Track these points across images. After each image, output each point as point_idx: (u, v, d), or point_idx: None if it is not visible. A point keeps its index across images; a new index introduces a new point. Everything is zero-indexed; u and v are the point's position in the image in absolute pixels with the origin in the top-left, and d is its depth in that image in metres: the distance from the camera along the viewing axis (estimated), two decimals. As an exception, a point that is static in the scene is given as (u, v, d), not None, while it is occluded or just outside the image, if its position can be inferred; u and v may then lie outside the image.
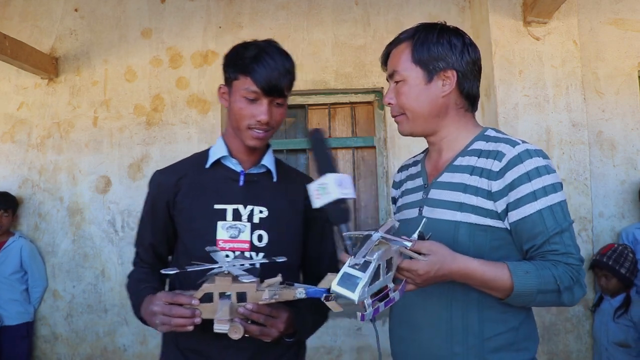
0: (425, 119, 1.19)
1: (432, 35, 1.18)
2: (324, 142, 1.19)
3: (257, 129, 1.26)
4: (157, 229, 1.34)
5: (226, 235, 1.27)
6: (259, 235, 1.29)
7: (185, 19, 3.39)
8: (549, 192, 1.07)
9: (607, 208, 3.05)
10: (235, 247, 1.26)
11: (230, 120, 1.32)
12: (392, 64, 1.22)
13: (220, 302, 1.06)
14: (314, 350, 3.13)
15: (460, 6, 3.28)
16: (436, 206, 1.16)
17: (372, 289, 0.90)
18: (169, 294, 1.12)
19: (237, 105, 1.26)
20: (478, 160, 1.14)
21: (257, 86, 1.23)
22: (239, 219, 1.29)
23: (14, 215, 3.30)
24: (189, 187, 1.31)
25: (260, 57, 1.25)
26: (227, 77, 1.31)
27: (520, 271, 1.03)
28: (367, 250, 0.90)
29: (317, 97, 3.41)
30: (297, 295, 1.05)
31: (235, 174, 1.33)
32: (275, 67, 1.25)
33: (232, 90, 1.28)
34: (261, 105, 1.25)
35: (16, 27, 3.47)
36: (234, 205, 1.29)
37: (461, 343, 1.11)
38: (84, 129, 3.40)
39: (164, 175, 1.35)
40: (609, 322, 2.62)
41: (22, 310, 3.20)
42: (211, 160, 1.33)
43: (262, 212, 1.30)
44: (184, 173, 1.33)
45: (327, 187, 1.07)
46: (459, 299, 1.12)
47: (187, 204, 1.30)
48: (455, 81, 1.17)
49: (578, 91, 2.84)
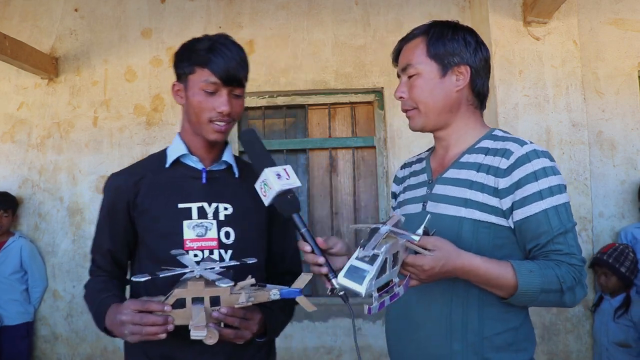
0: (438, 113, 1.19)
1: (448, 31, 1.19)
2: (256, 140, 1.15)
3: (219, 122, 1.24)
4: (116, 234, 1.28)
5: (193, 234, 1.23)
6: (226, 232, 1.27)
7: (185, 19, 3.40)
8: (555, 192, 1.08)
9: (607, 208, 3.05)
10: (203, 246, 1.23)
11: (189, 117, 1.28)
12: (406, 57, 1.22)
13: (194, 308, 1.02)
14: (314, 350, 3.13)
15: (460, 6, 3.28)
16: (440, 201, 1.17)
17: (378, 282, 0.89)
18: (137, 302, 1.08)
19: (195, 99, 1.23)
20: (485, 157, 1.14)
21: (216, 76, 1.21)
22: (205, 216, 1.26)
23: (14, 216, 3.30)
24: (148, 187, 1.27)
25: (215, 48, 1.23)
26: (180, 73, 1.28)
27: (524, 270, 1.03)
28: (375, 243, 0.89)
29: (317, 97, 3.41)
30: (272, 296, 1.05)
31: (197, 172, 1.30)
32: (232, 57, 1.24)
33: (189, 85, 1.25)
34: (220, 96, 1.23)
35: (16, 27, 3.47)
36: (198, 203, 1.26)
37: (460, 340, 1.11)
38: (84, 129, 3.41)
39: (121, 178, 1.30)
40: (609, 322, 2.62)
41: (22, 310, 3.20)
42: (171, 159, 1.29)
43: (227, 209, 1.28)
44: (142, 174, 1.29)
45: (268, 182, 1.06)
46: (459, 295, 1.12)
47: (149, 205, 1.25)
48: (468, 77, 1.18)
49: (578, 91, 2.84)
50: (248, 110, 3.51)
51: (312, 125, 3.47)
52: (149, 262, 1.24)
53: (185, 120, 1.32)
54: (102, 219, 1.31)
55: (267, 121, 3.50)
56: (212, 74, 1.21)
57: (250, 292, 1.05)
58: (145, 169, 1.31)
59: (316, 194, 3.42)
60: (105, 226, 1.29)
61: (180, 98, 1.29)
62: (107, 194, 1.31)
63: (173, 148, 1.33)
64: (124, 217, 1.27)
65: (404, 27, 3.21)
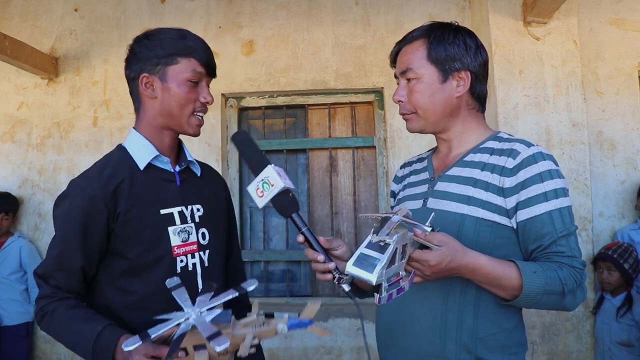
0: (437, 118, 1.19)
1: (449, 34, 1.17)
2: (250, 141, 1.13)
3: (200, 113, 1.22)
4: (92, 248, 1.14)
5: (178, 240, 1.20)
6: (202, 233, 1.26)
7: (185, 19, 3.39)
8: (560, 195, 1.08)
9: (607, 208, 3.05)
10: (187, 250, 1.21)
11: (166, 111, 1.20)
12: (406, 61, 1.20)
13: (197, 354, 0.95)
14: (314, 350, 3.13)
15: (460, 6, 3.28)
16: (442, 198, 1.16)
17: (388, 273, 0.88)
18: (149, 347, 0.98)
19: (180, 90, 1.17)
20: (490, 157, 1.14)
21: (203, 66, 1.20)
22: (185, 220, 1.23)
23: (14, 217, 3.31)
24: (128, 195, 1.15)
25: (188, 35, 1.21)
26: (151, 65, 1.18)
27: (528, 270, 1.03)
28: (388, 230, 0.87)
29: (317, 97, 3.40)
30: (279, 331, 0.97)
31: (170, 174, 1.24)
32: (207, 46, 1.24)
33: (168, 77, 1.18)
34: (203, 87, 1.22)
35: (16, 27, 3.47)
36: (178, 207, 1.22)
37: (454, 339, 1.11)
38: (84, 129, 3.41)
39: (96, 184, 1.14)
40: (611, 322, 2.62)
41: (22, 310, 3.20)
42: (144, 162, 1.20)
43: (199, 210, 1.27)
44: (119, 180, 1.16)
45: (270, 180, 1.02)
46: (456, 293, 1.12)
47: (133, 214, 1.15)
48: (469, 82, 1.17)
49: (578, 91, 2.84)
50: (248, 110, 3.51)
51: (312, 125, 3.47)
52: (127, 275, 1.15)
53: (153, 115, 1.22)
54: (70, 231, 1.13)
55: (267, 121, 3.50)
56: (199, 63, 1.19)
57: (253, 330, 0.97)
58: (120, 174, 1.17)
59: (316, 194, 3.42)
60: (77, 240, 1.12)
61: (152, 91, 1.20)
62: (78, 202, 1.13)
63: (138, 148, 1.22)
64: (100, 229, 1.13)
65: (404, 27, 3.21)
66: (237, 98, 3.44)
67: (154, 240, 1.17)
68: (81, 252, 1.13)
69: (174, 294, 0.99)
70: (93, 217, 1.13)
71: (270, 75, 3.32)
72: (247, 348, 0.94)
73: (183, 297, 0.98)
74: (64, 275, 1.15)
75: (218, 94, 3.28)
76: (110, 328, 1.08)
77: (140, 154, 1.21)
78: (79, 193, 1.14)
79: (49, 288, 1.16)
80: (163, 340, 1.00)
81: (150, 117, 1.22)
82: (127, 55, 1.23)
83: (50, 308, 1.14)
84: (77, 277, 1.15)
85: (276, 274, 3.41)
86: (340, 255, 1.09)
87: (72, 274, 1.15)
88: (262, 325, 0.98)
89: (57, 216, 1.17)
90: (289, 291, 3.34)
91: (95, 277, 1.19)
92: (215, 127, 3.31)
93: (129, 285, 1.15)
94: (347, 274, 0.90)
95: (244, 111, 3.51)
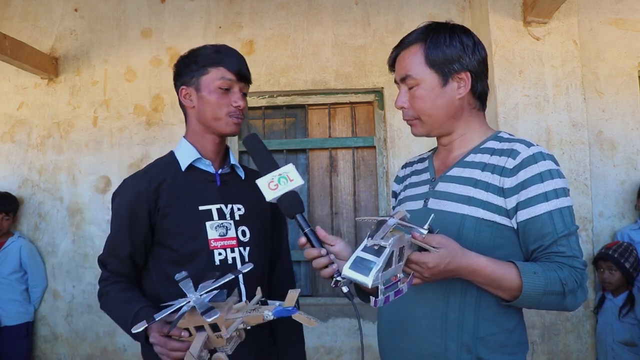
0: (441, 122, 1.19)
1: (444, 36, 1.16)
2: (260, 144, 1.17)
3: (235, 116, 1.33)
4: (137, 237, 1.30)
5: (216, 234, 1.31)
6: (242, 230, 1.36)
7: (185, 19, 3.40)
8: (560, 195, 1.08)
9: (607, 208, 3.05)
10: (226, 245, 1.32)
11: (202, 117, 1.34)
12: (404, 67, 1.18)
13: (198, 335, 1.03)
14: (314, 350, 3.13)
15: (460, 6, 3.28)
16: (443, 198, 1.16)
17: (385, 275, 0.88)
18: (159, 325, 1.10)
19: (212, 97, 1.31)
20: (491, 157, 1.14)
21: (232, 73, 1.31)
22: (224, 217, 1.34)
23: (14, 217, 3.31)
24: (169, 192, 1.30)
25: (223, 49, 1.34)
26: (188, 77, 1.34)
27: (528, 271, 1.03)
28: (384, 234, 0.87)
29: (317, 97, 3.40)
30: (266, 317, 1.03)
31: (211, 176, 1.37)
32: (240, 56, 1.36)
33: (201, 86, 1.32)
34: (234, 93, 1.33)
35: (16, 27, 3.47)
36: (217, 205, 1.34)
37: (455, 340, 1.10)
38: (84, 129, 3.41)
39: (141, 183, 1.31)
40: (613, 322, 2.63)
41: (22, 311, 3.20)
42: (186, 163, 1.34)
43: (240, 210, 1.38)
44: (161, 179, 1.31)
45: (290, 175, 1.06)
46: (456, 293, 1.11)
47: (172, 209, 1.29)
48: (469, 83, 1.16)
49: (578, 91, 2.84)
50: (248, 110, 3.50)
51: (312, 125, 3.47)
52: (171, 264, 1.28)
53: (194, 122, 1.37)
54: (120, 223, 1.31)
55: (267, 121, 3.50)
56: (228, 71, 1.31)
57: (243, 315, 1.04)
58: (163, 174, 1.32)
59: (316, 194, 3.42)
60: (125, 230, 1.29)
61: (190, 101, 1.35)
62: (126, 198, 1.31)
63: (183, 152, 1.37)
64: (145, 222, 1.29)
65: (404, 27, 3.22)
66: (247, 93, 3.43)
67: (193, 232, 1.29)
68: (128, 241, 1.29)
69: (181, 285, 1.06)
70: (138, 210, 1.28)
71: (270, 75, 3.32)
72: (231, 331, 1.01)
73: (187, 286, 1.05)
74: (115, 262, 1.32)
75: (218, 94, 3.28)
76: (145, 309, 1.20)
77: (184, 157, 1.36)
78: (127, 190, 1.32)
79: (106, 272, 1.34)
80: None
81: (193, 124, 1.38)
82: (173, 74, 1.40)
83: (106, 290, 1.31)
84: (126, 264, 1.31)
85: (276, 274, 3.41)
86: (338, 252, 1.09)
87: (123, 261, 1.31)
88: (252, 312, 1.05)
89: (112, 211, 1.35)
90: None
91: (146, 268, 1.34)
92: (215, 127, 3.30)
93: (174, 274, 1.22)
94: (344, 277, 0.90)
95: (244, 111, 3.51)
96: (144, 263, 1.35)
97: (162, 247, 1.31)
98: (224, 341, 1.03)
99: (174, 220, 1.29)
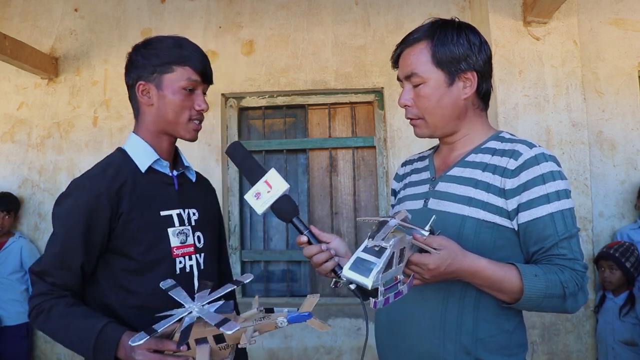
0: (445, 122, 1.17)
1: (452, 34, 1.14)
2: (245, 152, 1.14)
3: (196, 120, 1.26)
4: (93, 245, 1.15)
5: (177, 241, 1.23)
6: (197, 236, 1.29)
7: (185, 19, 3.39)
8: (562, 196, 1.07)
9: (607, 208, 3.05)
10: (185, 252, 1.25)
11: (162, 117, 1.24)
12: (409, 64, 1.16)
13: (199, 348, 0.97)
14: (314, 350, 3.13)
15: (460, 6, 3.28)
16: (443, 198, 1.15)
17: (385, 277, 0.87)
18: (152, 342, 1.01)
19: (175, 98, 1.21)
20: (492, 158, 1.13)
21: (198, 74, 1.23)
22: (183, 223, 1.26)
23: (15, 217, 3.31)
24: (130, 195, 1.18)
25: (187, 45, 1.24)
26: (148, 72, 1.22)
27: (529, 274, 1.02)
28: (384, 235, 0.87)
29: (317, 97, 3.40)
30: (279, 325, 0.98)
31: (169, 178, 1.29)
32: (203, 53, 1.27)
33: (163, 84, 1.22)
34: (198, 95, 1.26)
35: (16, 27, 3.47)
36: (177, 210, 1.26)
37: (454, 341, 1.10)
38: (84, 129, 3.41)
39: (101, 184, 1.16)
40: (614, 321, 2.63)
41: (22, 311, 3.20)
42: (146, 165, 1.24)
43: (195, 214, 1.31)
44: (122, 180, 1.19)
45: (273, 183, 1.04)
46: (456, 294, 1.11)
47: (134, 214, 1.18)
48: (476, 83, 1.15)
49: (578, 91, 2.84)
50: (248, 110, 3.51)
51: (312, 125, 3.47)
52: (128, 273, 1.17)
53: (150, 121, 1.26)
54: (73, 228, 1.13)
55: (267, 121, 3.50)
56: (194, 71, 1.23)
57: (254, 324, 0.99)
58: (123, 176, 1.20)
59: (316, 194, 3.42)
60: (79, 237, 1.13)
61: (148, 98, 1.24)
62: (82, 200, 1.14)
63: (139, 151, 1.25)
64: (103, 227, 1.15)
65: (404, 27, 3.21)
66: (237, 98, 3.44)
67: (155, 240, 1.20)
68: (83, 248, 1.13)
69: (172, 294, 1.01)
70: (97, 215, 1.14)
71: (270, 75, 3.32)
72: (249, 338, 0.95)
73: (181, 295, 1.00)
74: (64, 273, 1.15)
75: (218, 94, 3.28)
76: (111, 325, 1.09)
77: (141, 157, 1.24)
78: (84, 191, 1.15)
79: (46, 285, 1.15)
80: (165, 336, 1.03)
81: (148, 122, 1.26)
82: (126, 63, 1.27)
83: (47, 305, 1.13)
84: (76, 275, 1.16)
85: (276, 274, 3.41)
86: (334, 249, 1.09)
87: (72, 272, 1.15)
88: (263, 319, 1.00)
89: (59, 214, 1.17)
90: (289, 291, 3.34)
91: (94, 276, 1.20)
92: (215, 127, 3.30)
93: (131, 284, 1.17)
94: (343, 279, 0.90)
95: (244, 111, 3.51)
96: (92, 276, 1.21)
97: (117, 255, 1.18)
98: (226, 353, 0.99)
99: (137, 226, 1.17)
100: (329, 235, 1.10)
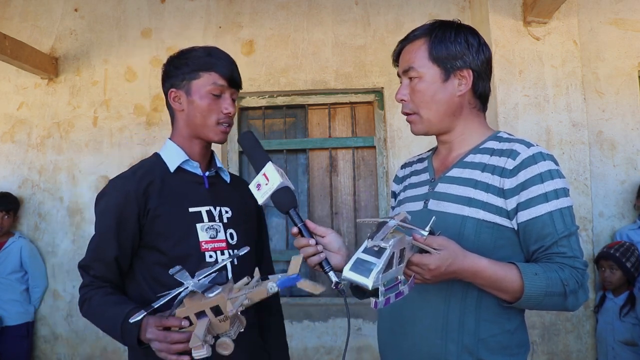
0: (440, 118, 1.19)
1: (450, 33, 1.17)
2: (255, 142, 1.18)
3: (224, 123, 1.33)
4: (125, 240, 1.25)
5: (206, 236, 1.29)
6: (230, 233, 1.35)
7: (185, 18, 3.40)
8: (560, 195, 1.07)
9: (607, 208, 3.05)
10: (216, 247, 1.31)
11: (191, 121, 1.33)
12: (408, 59, 1.19)
13: (200, 322, 1.00)
14: (313, 350, 3.13)
15: (460, 6, 3.28)
16: (443, 199, 1.16)
17: (385, 277, 0.88)
18: (157, 319, 1.09)
19: (203, 102, 1.30)
20: (490, 158, 1.14)
21: (224, 79, 1.30)
22: (213, 219, 1.33)
23: (15, 216, 3.31)
24: (158, 193, 1.27)
25: (214, 52, 1.33)
26: (178, 80, 1.32)
27: (529, 272, 1.03)
28: (384, 235, 0.87)
29: (317, 97, 3.40)
30: (270, 290, 1.02)
31: (199, 178, 1.36)
32: (231, 60, 1.35)
33: (192, 90, 1.30)
34: (225, 99, 1.32)
35: (16, 27, 3.47)
36: (206, 207, 1.32)
37: (456, 341, 1.10)
38: (84, 129, 3.41)
39: (130, 183, 1.27)
40: (614, 321, 2.63)
41: (22, 311, 3.20)
42: (174, 165, 1.33)
43: (228, 212, 1.37)
44: (150, 180, 1.28)
45: (269, 176, 1.08)
46: (457, 294, 1.11)
47: (162, 211, 1.26)
48: (471, 81, 1.17)
49: (578, 91, 2.84)
50: (248, 110, 3.51)
51: (312, 125, 3.47)
52: (160, 266, 1.25)
53: (182, 126, 1.36)
54: (107, 224, 1.26)
55: (267, 121, 3.50)
56: (220, 76, 1.30)
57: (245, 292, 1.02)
58: (151, 175, 1.30)
59: (316, 194, 3.42)
60: (112, 233, 1.24)
61: (179, 104, 1.33)
62: (114, 199, 1.26)
63: (171, 153, 1.35)
64: (133, 223, 1.25)
65: (404, 27, 3.21)
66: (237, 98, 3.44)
67: (183, 234, 1.27)
68: (116, 243, 1.24)
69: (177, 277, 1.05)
70: (126, 212, 1.24)
71: (270, 75, 3.32)
72: (237, 307, 0.99)
73: (184, 275, 1.05)
74: (101, 266, 1.26)
75: (218, 94, 3.28)
76: (136, 310, 1.14)
77: (172, 159, 1.34)
78: (115, 191, 1.28)
79: (89, 278, 1.28)
80: None
81: (180, 127, 1.37)
82: (162, 74, 1.38)
83: (89, 295, 1.25)
84: (112, 268, 1.26)
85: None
86: (327, 243, 1.12)
87: (108, 265, 1.26)
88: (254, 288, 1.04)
89: (96, 212, 1.30)
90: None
91: (131, 269, 1.30)
92: (215, 127, 3.30)
93: (163, 277, 1.22)
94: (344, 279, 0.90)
95: (244, 111, 3.51)
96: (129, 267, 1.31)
97: (150, 250, 1.27)
98: (227, 325, 1.01)
99: (165, 222, 1.26)
100: (324, 229, 1.12)
